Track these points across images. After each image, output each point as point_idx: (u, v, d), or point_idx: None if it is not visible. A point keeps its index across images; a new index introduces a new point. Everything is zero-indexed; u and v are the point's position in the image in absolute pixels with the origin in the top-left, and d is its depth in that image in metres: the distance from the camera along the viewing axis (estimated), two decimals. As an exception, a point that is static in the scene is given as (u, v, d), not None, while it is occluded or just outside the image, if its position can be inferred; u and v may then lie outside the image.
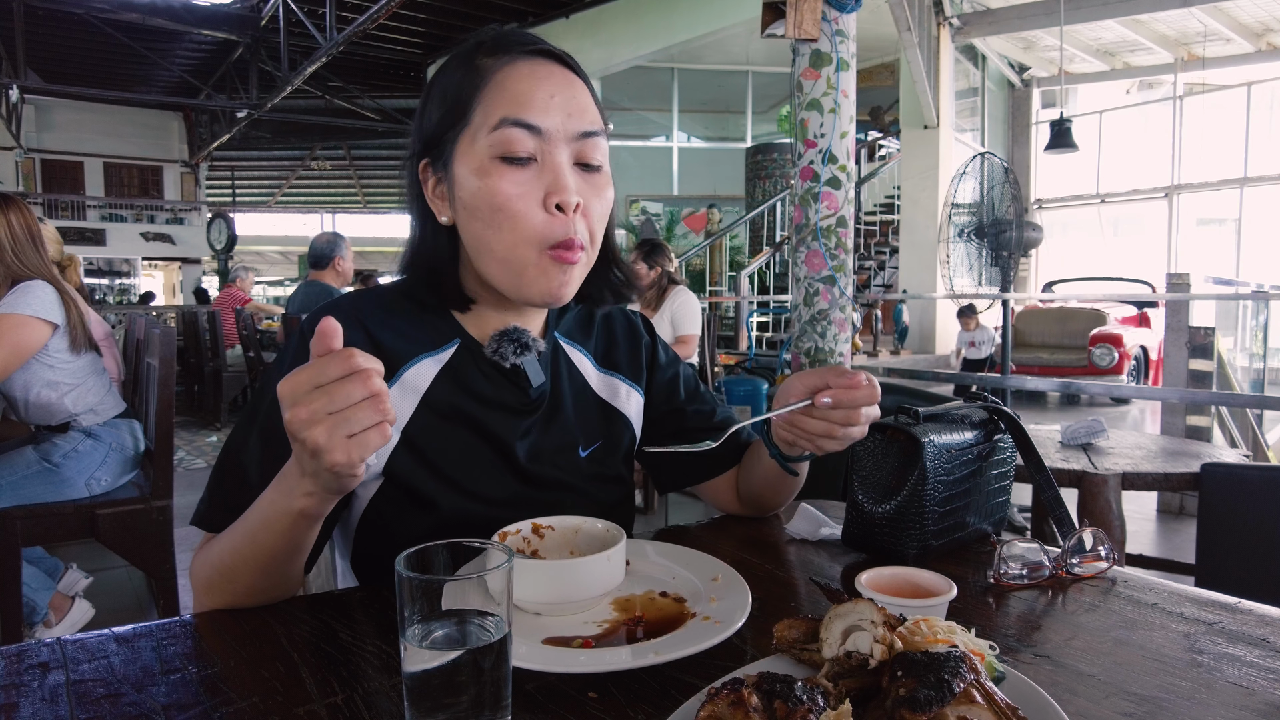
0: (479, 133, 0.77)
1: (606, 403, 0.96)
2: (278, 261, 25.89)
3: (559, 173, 0.77)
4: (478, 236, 0.79)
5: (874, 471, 0.91)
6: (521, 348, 0.85)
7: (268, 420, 0.77)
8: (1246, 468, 1.90)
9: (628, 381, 0.98)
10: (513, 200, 0.76)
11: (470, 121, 0.78)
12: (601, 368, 0.97)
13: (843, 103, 3.37)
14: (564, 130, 0.78)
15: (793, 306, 3.61)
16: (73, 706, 0.56)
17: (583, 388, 0.95)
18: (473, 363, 0.86)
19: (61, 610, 2.42)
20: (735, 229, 10.64)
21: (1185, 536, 3.65)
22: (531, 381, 0.87)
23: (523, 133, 0.76)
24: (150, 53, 11.73)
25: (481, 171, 0.77)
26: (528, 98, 0.77)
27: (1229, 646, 0.67)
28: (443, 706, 0.50)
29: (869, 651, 0.52)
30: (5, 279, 2.17)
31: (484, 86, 0.78)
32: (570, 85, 0.80)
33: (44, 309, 2.12)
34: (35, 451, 2.21)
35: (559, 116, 0.77)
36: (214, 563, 0.74)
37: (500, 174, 0.76)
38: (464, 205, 0.79)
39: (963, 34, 8.60)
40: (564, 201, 0.77)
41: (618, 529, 0.76)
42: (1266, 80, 9.89)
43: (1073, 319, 8.50)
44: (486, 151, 0.77)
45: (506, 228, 0.77)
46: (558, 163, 0.77)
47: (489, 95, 0.78)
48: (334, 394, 0.57)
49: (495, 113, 0.77)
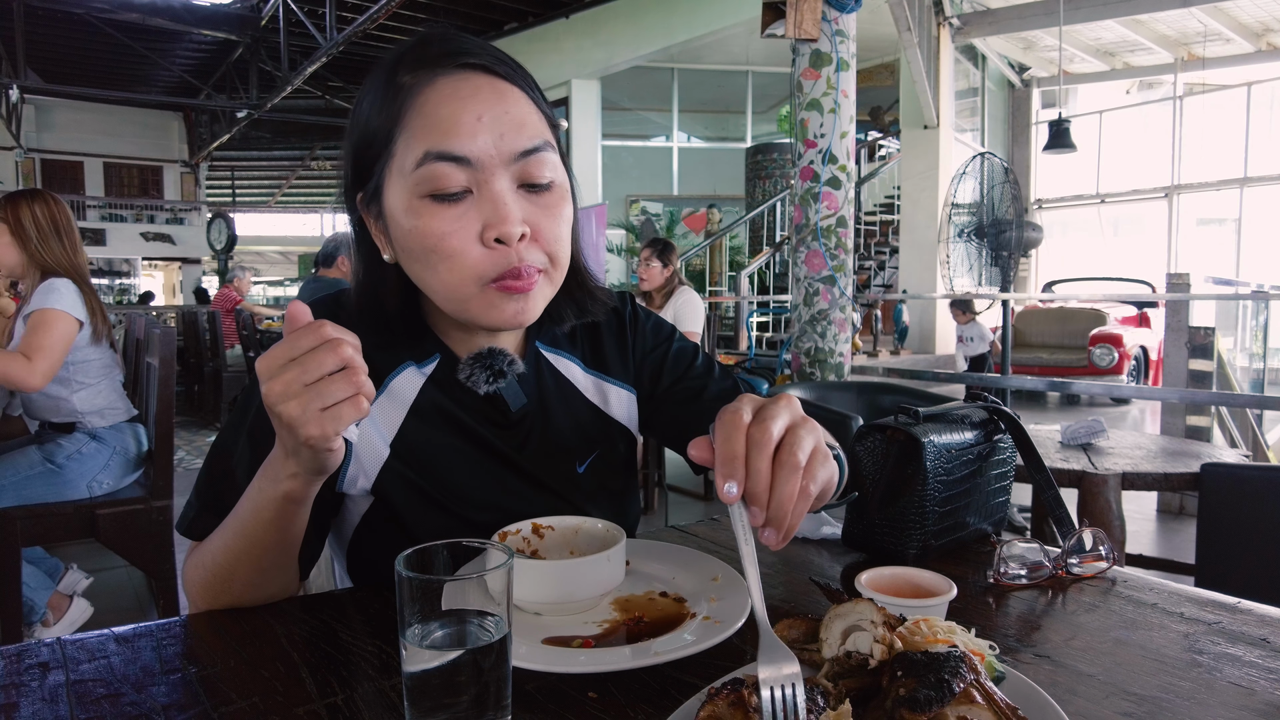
0: (404, 168, 0.70)
1: (600, 410, 0.92)
2: (278, 261, 25.90)
3: (497, 203, 0.70)
4: (419, 275, 0.74)
5: (874, 471, 0.91)
6: (494, 375, 0.80)
7: (256, 425, 0.74)
8: (1246, 468, 1.90)
9: (616, 383, 0.93)
10: (445, 239, 0.70)
11: (393, 153, 0.71)
12: (589, 369, 0.92)
13: (843, 103, 3.37)
14: (499, 154, 0.70)
15: (793, 306, 3.61)
16: (73, 706, 0.56)
17: (572, 396, 0.90)
18: (452, 383, 0.82)
19: (60, 609, 2.42)
20: (735, 229, 10.64)
21: (1185, 536, 3.65)
22: (510, 406, 0.83)
23: (450, 166, 0.69)
24: (150, 53, 11.73)
25: (411, 211, 0.71)
26: (452, 123, 0.69)
27: (1229, 646, 0.67)
28: (443, 706, 0.50)
29: (869, 651, 0.52)
30: (34, 270, 2.21)
31: (404, 112, 0.70)
32: (502, 100, 0.71)
33: (71, 305, 2.16)
34: (39, 451, 2.21)
35: (490, 139, 0.70)
36: (207, 564, 0.73)
37: (431, 213, 0.70)
38: (400, 245, 0.74)
39: (963, 34, 8.60)
40: (505, 234, 0.70)
41: (618, 529, 0.76)
42: (1266, 80, 9.89)
43: (1073, 319, 8.50)
44: (414, 190, 0.70)
45: (443, 268, 0.71)
46: (495, 191, 0.70)
47: (410, 122, 0.70)
48: (306, 365, 0.56)
49: (417, 145, 0.69)
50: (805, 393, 2.65)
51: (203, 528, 0.76)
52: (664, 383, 0.95)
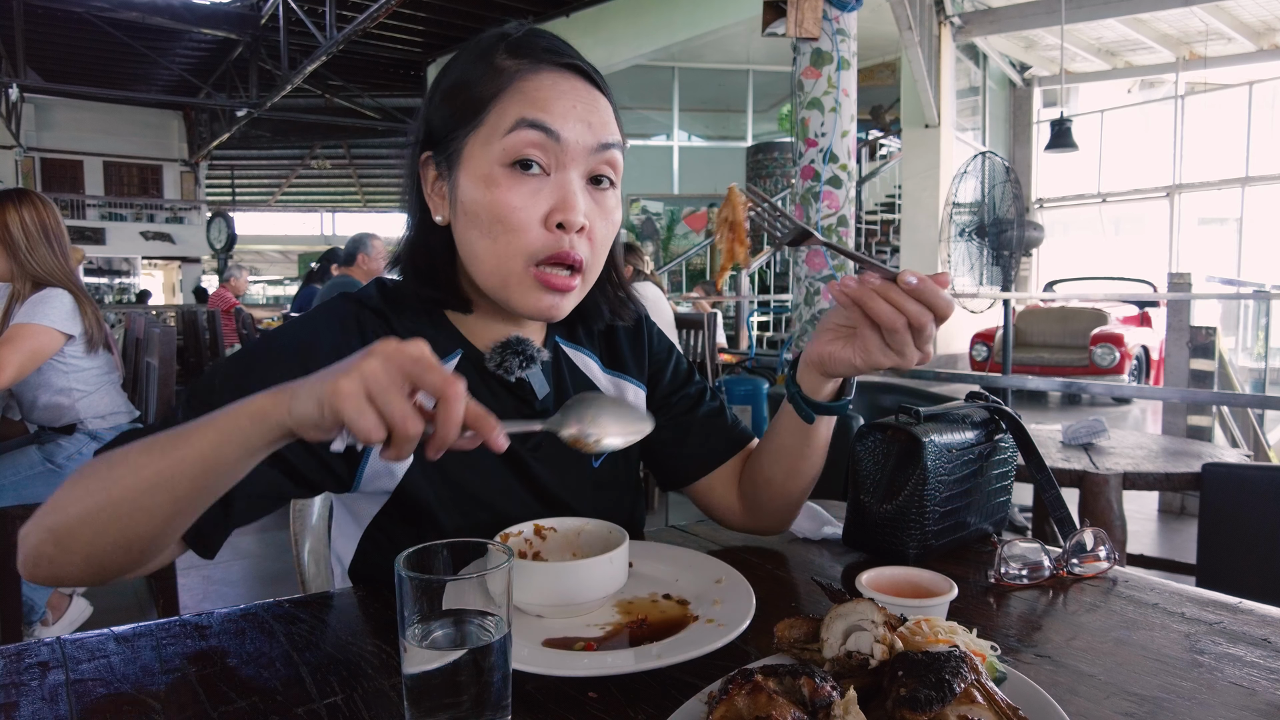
0: (492, 137, 0.74)
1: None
2: (277, 261, 25.89)
3: (568, 190, 0.74)
4: (472, 242, 0.77)
5: (875, 471, 0.91)
6: (526, 360, 0.81)
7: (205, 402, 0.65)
8: (1248, 468, 1.90)
9: (633, 381, 0.95)
10: (515, 212, 0.74)
11: (484, 123, 0.75)
12: (608, 369, 0.94)
13: (843, 101, 3.37)
14: (582, 142, 0.75)
15: (793, 306, 3.61)
16: (72, 706, 0.56)
17: (591, 391, 0.91)
18: (476, 375, 0.82)
19: (59, 609, 2.42)
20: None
21: (1186, 536, 3.65)
22: (537, 394, 0.84)
23: (539, 135, 0.73)
24: (150, 51, 11.73)
25: (489, 180, 0.74)
26: (550, 103, 0.74)
27: (1230, 647, 0.67)
28: (443, 707, 0.49)
29: (870, 651, 0.52)
30: (24, 277, 2.13)
31: (503, 90, 0.75)
32: (595, 101, 0.77)
33: (60, 319, 2.09)
34: (39, 451, 2.21)
35: (579, 127, 0.75)
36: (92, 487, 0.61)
37: (508, 185, 0.74)
38: (464, 210, 0.76)
39: (964, 33, 8.59)
40: (568, 221, 0.74)
41: (620, 530, 0.75)
42: (1268, 79, 9.88)
43: (1074, 318, 8.48)
44: (498, 158, 0.74)
45: (502, 239, 0.75)
46: (568, 179, 0.75)
47: (509, 98, 0.75)
48: (395, 401, 0.52)
49: (512, 113, 0.74)
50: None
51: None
52: (662, 390, 0.98)
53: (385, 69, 12.87)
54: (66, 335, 2.12)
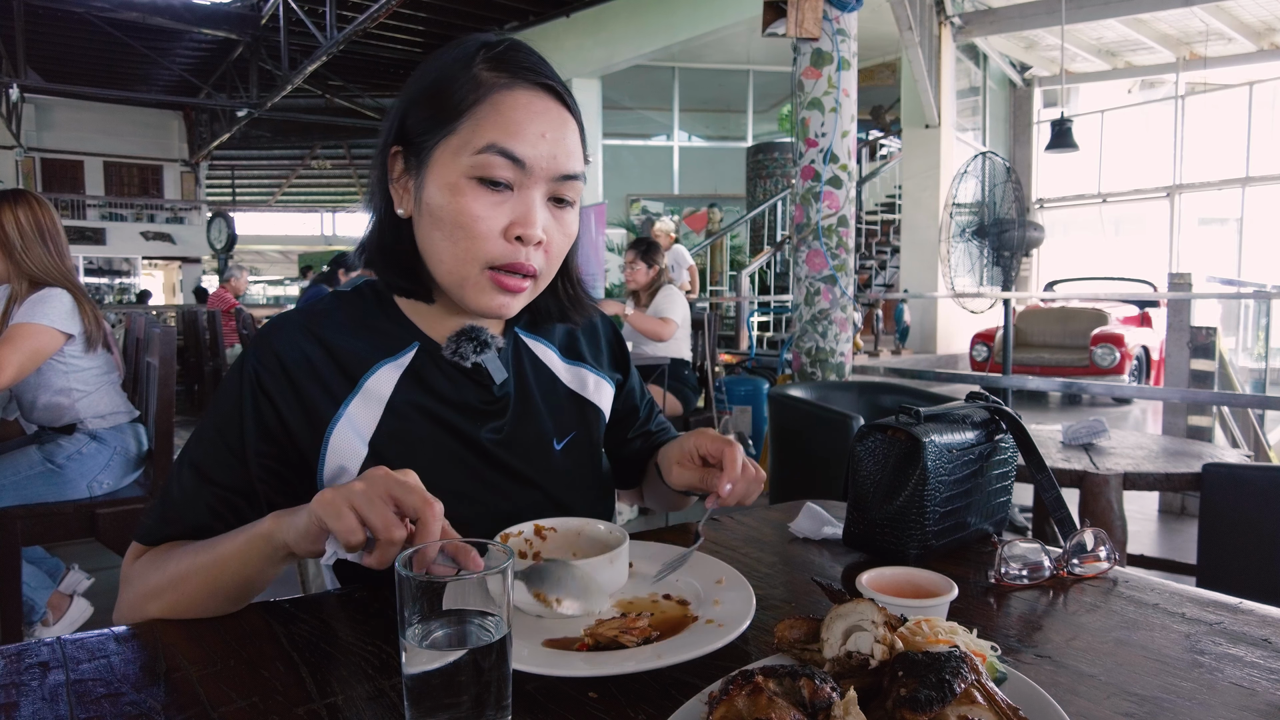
0: (462, 150, 0.77)
1: (577, 394, 0.96)
2: (278, 261, 25.90)
3: (530, 207, 0.78)
4: (433, 241, 0.80)
5: (875, 471, 0.91)
6: (480, 345, 0.85)
7: (202, 459, 0.80)
8: (1248, 468, 1.90)
9: (596, 371, 0.98)
10: (477, 221, 0.77)
11: (456, 132, 0.77)
12: (567, 359, 0.97)
13: (844, 102, 3.37)
14: (547, 169, 0.78)
15: (794, 306, 3.61)
16: (73, 706, 0.56)
17: (551, 380, 0.94)
18: (434, 365, 0.85)
19: (60, 609, 2.42)
20: (736, 228, 10.64)
21: (1187, 537, 3.65)
22: (494, 379, 0.86)
23: (506, 161, 0.76)
24: (150, 51, 11.73)
25: (454, 189, 0.77)
26: (520, 128, 0.77)
27: (1230, 647, 0.67)
28: (443, 707, 0.50)
29: (870, 652, 0.52)
30: (21, 278, 2.13)
31: (480, 102, 0.77)
32: (564, 126, 0.80)
33: (60, 319, 2.09)
34: (39, 451, 2.21)
35: (545, 154, 0.77)
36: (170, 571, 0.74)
37: (473, 195, 0.77)
38: (428, 210, 0.79)
39: (964, 33, 8.60)
40: (527, 235, 0.77)
41: (621, 531, 0.76)
42: (1268, 79, 9.88)
43: (1074, 319, 8.48)
44: (466, 170, 0.76)
45: (463, 244, 0.78)
46: (531, 197, 0.78)
47: (482, 113, 0.77)
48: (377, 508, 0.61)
49: (484, 134, 0.76)
50: (806, 392, 2.65)
51: (159, 537, 0.80)
52: (619, 395, 1.03)
53: (385, 69, 12.88)
54: (66, 334, 2.12)
